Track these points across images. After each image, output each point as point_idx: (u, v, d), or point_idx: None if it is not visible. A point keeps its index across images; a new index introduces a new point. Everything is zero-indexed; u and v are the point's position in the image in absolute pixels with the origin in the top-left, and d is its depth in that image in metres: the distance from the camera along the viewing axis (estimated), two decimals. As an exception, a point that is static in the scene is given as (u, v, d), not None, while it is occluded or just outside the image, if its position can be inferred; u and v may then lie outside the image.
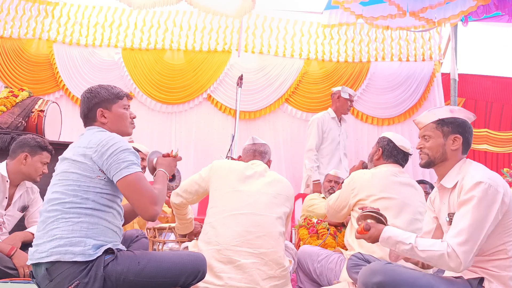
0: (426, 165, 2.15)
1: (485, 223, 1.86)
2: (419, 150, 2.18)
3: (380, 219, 2.12)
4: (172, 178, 2.42)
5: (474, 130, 7.43)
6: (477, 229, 1.85)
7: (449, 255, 1.84)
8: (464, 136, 2.10)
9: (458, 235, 1.85)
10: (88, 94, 2.18)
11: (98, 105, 2.15)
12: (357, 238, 2.15)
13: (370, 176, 2.69)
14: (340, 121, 5.14)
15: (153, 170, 2.31)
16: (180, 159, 2.38)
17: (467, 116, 2.15)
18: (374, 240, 2.07)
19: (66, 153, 2.09)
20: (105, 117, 2.15)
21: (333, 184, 4.41)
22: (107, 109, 2.16)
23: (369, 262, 2.33)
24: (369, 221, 2.10)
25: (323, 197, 4.45)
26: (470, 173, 1.98)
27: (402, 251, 1.98)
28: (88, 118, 2.17)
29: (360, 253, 2.47)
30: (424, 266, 2.25)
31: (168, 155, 2.34)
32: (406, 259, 2.21)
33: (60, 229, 1.91)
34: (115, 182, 1.98)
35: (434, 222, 2.22)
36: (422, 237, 1.99)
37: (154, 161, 2.34)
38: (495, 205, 1.87)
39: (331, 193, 4.38)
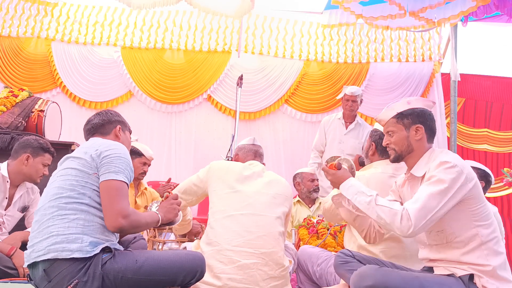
0: (395, 159, 2.21)
1: (444, 197, 1.92)
2: (386, 146, 2.25)
3: (353, 172, 2.26)
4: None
5: (474, 130, 7.35)
6: (434, 200, 1.92)
7: (402, 216, 1.92)
8: (426, 124, 2.15)
9: (416, 201, 1.94)
10: (111, 111, 2.37)
11: (119, 123, 2.33)
12: (322, 169, 2.25)
13: (365, 182, 2.52)
14: (348, 122, 4.97)
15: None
16: (176, 197, 2.32)
17: (425, 104, 2.20)
18: (336, 181, 2.18)
19: (71, 154, 2.14)
20: (121, 135, 2.32)
21: (317, 182, 4.39)
22: (122, 130, 2.34)
23: (358, 259, 2.32)
24: (344, 166, 2.22)
25: (299, 200, 4.38)
26: (438, 157, 2.06)
27: (359, 202, 2.05)
28: (104, 128, 2.27)
29: (348, 249, 2.43)
30: (366, 238, 2.33)
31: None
32: (350, 219, 2.28)
33: (56, 226, 1.91)
34: (99, 183, 2.00)
35: None
36: None
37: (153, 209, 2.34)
38: (457, 182, 1.94)
39: (316, 192, 4.35)
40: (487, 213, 2.01)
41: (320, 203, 4.30)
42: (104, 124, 2.27)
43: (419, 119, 2.15)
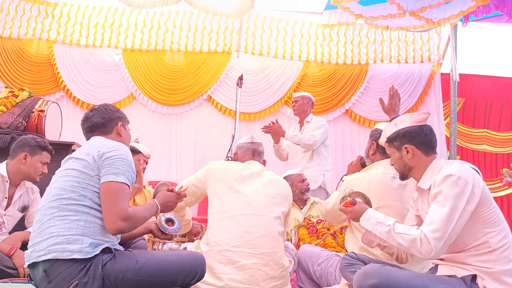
0: (401, 178, 2.28)
1: (456, 213, 1.94)
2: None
3: (368, 202, 2.27)
4: (172, 223, 2.45)
5: (473, 130, 7.34)
6: (447, 218, 1.94)
7: (422, 241, 1.94)
8: (414, 141, 2.18)
9: (430, 224, 1.96)
10: (110, 107, 2.31)
11: (119, 119, 2.30)
12: (340, 210, 2.28)
13: (366, 184, 2.52)
14: (301, 124, 4.97)
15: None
16: (184, 196, 2.38)
17: (415, 120, 2.22)
18: (355, 216, 2.20)
19: (73, 153, 2.13)
20: (122, 132, 2.30)
21: (307, 182, 4.34)
22: (123, 126, 2.32)
23: (363, 261, 2.33)
24: (357, 199, 2.25)
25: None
26: (442, 169, 2.08)
27: (379, 232, 2.08)
28: (105, 127, 2.24)
29: (354, 252, 2.44)
30: (398, 259, 2.32)
31: (172, 190, 2.35)
32: (381, 247, 2.28)
33: (57, 227, 1.91)
34: (99, 184, 2.00)
35: (414, 220, 2.26)
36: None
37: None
38: (464, 195, 1.95)
39: (308, 191, 4.31)
40: (498, 219, 2.01)
41: (311, 203, 4.27)
42: (105, 123, 2.24)
43: (406, 139, 2.20)
